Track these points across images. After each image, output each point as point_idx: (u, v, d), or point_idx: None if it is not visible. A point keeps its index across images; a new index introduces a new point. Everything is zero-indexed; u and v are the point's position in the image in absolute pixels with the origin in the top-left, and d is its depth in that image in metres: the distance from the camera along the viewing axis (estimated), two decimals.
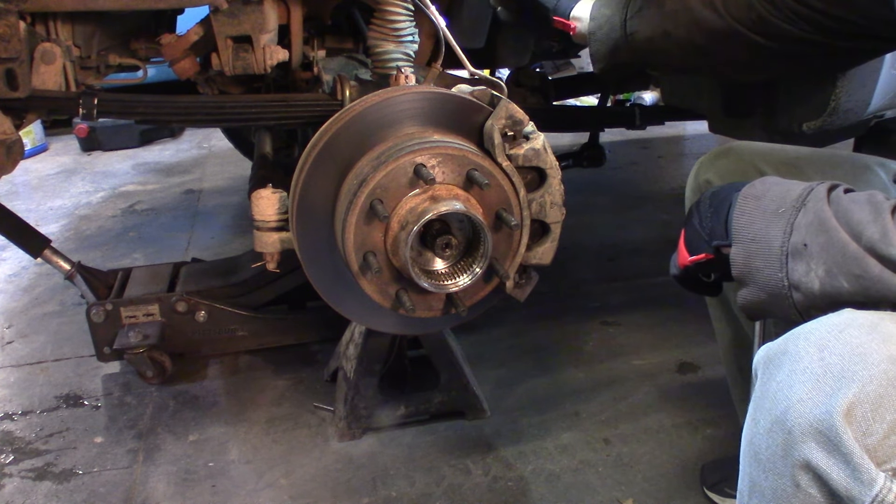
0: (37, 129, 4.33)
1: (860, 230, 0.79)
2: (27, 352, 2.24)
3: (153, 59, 1.85)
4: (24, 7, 1.45)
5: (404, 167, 1.24)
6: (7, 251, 2.89)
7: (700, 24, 1.36)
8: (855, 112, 1.62)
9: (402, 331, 1.59)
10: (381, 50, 1.63)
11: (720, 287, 1.11)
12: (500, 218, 1.31)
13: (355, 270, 1.28)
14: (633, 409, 1.88)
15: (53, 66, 1.56)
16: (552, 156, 1.36)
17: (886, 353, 0.66)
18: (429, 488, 1.63)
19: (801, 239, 0.83)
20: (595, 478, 1.65)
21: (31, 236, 1.96)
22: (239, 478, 1.68)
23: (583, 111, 3.04)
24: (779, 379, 0.72)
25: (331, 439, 1.79)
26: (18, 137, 1.57)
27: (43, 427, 1.88)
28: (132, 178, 3.90)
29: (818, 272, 0.81)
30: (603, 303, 2.43)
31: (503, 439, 1.77)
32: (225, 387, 2.02)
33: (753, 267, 0.88)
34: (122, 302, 1.99)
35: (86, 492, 1.65)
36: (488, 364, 2.08)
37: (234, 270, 2.18)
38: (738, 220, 0.92)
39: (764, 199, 0.90)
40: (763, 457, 0.71)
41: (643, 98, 4.15)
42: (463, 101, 1.35)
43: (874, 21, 1.16)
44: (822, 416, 0.65)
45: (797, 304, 0.85)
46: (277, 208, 1.51)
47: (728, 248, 0.93)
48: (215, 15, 1.60)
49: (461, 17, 2.00)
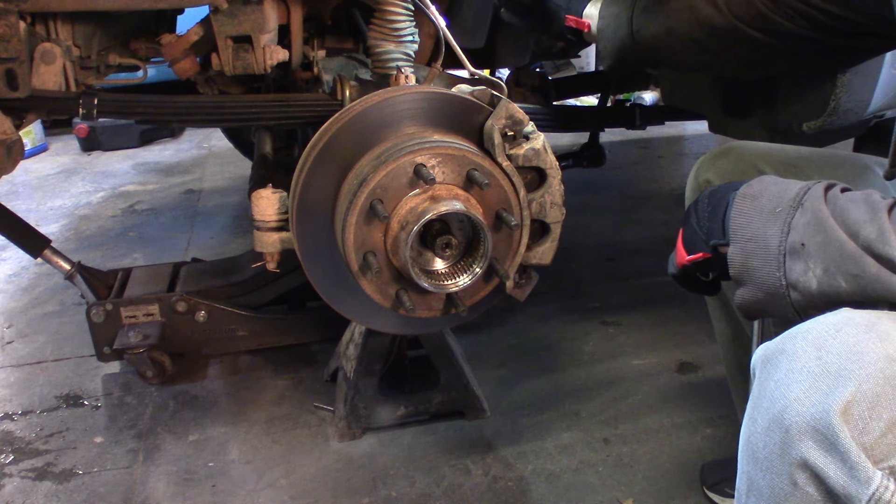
0: (37, 129, 4.33)
1: (857, 229, 0.79)
2: (27, 352, 2.24)
3: (153, 59, 1.86)
4: (24, 7, 1.45)
5: (404, 167, 1.24)
6: (7, 251, 2.90)
7: (702, 20, 1.38)
8: (855, 112, 1.62)
9: (402, 331, 1.59)
10: (381, 50, 1.63)
11: (718, 286, 1.11)
12: (500, 218, 1.31)
13: (355, 270, 1.29)
14: (633, 409, 1.88)
15: (53, 66, 1.56)
16: (552, 156, 1.36)
17: (883, 351, 0.67)
18: (429, 488, 1.63)
19: (798, 238, 0.84)
20: (595, 478, 1.65)
21: (31, 236, 1.96)
22: (239, 478, 1.68)
23: (583, 111, 3.04)
24: (776, 378, 0.72)
25: (331, 439, 1.79)
26: (18, 137, 1.57)
27: (43, 427, 1.88)
28: (132, 178, 3.91)
29: (816, 271, 0.81)
30: (603, 303, 2.43)
31: (503, 439, 1.78)
32: (225, 387, 2.02)
33: (751, 266, 0.89)
34: (122, 302, 1.99)
35: (86, 492, 1.65)
36: (488, 364, 2.08)
37: (234, 270, 2.19)
38: (735, 219, 0.92)
39: (761, 199, 0.90)
40: (760, 455, 0.71)
41: (643, 98, 4.15)
42: (463, 101, 1.35)
43: (874, 19, 1.16)
44: (819, 415, 0.65)
45: (795, 303, 0.85)
46: (277, 208, 1.51)
47: (726, 248, 0.93)
48: (215, 15, 1.60)
49: (461, 17, 2.00)
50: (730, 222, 0.92)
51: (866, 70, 1.56)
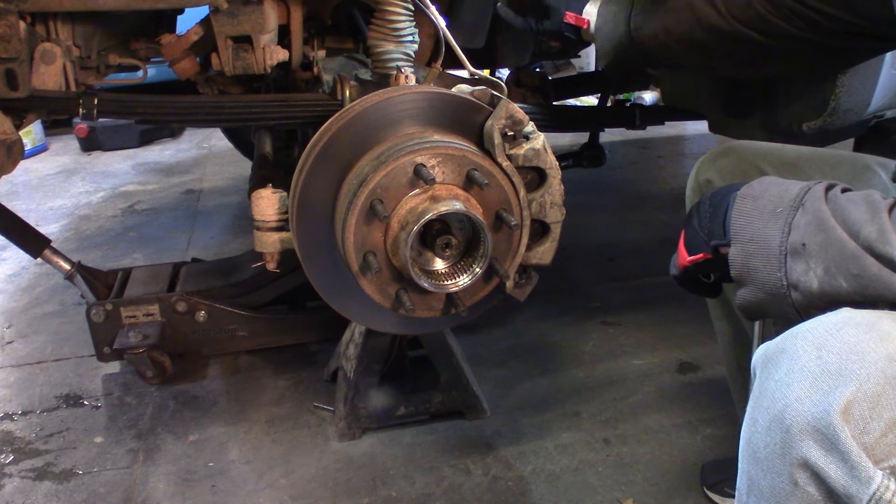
0: (37, 129, 4.33)
1: (857, 229, 0.79)
2: (27, 352, 2.24)
3: (153, 59, 1.86)
4: (24, 7, 1.45)
5: (404, 167, 1.24)
6: (7, 251, 2.90)
7: (700, 20, 1.38)
8: (855, 112, 1.62)
9: (402, 331, 1.59)
10: (381, 50, 1.63)
11: (720, 288, 1.11)
12: (500, 218, 1.31)
13: (355, 270, 1.28)
14: (633, 409, 1.88)
15: (53, 66, 1.56)
16: (552, 156, 1.36)
17: (884, 351, 0.67)
18: (429, 488, 1.63)
19: (799, 238, 0.84)
20: (595, 478, 1.65)
21: (31, 236, 1.96)
22: (239, 478, 1.68)
23: (583, 111, 3.04)
24: (777, 378, 0.72)
25: (331, 439, 1.79)
26: (18, 137, 1.57)
27: (43, 427, 1.88)
28: (132, 178, 3.91)
29: (817, 271, 0.82)
30: (603, 303, 2.43)
31: (503, 439, 1.78)
32: (225, 387, 2.02)
33: (752, 267, 0.89)
34: (122, 302, 1.99)
35: (86, 492, 1.65)
36: (488, 364, 2.08)
37: (234, 270, 2.19)
38: (736, 220, 0.92)
39: (761, 200, 0.90)
40: (761, 455, 0.71)
41: (643, 98, 4.15)
42: (463, 101, 1.35)
43: (873, 20, 1.16)
44: (820, 415, 0.65)
45: (796, 303, 0.85)
46: (277, 208, 1.51)
47: (727, 249, 0.93)
48: (215, 15, 1.60)
49: (461, 17, 2.00)
50: (730, 223, 0.92)
51: (866, 70, 1.57)
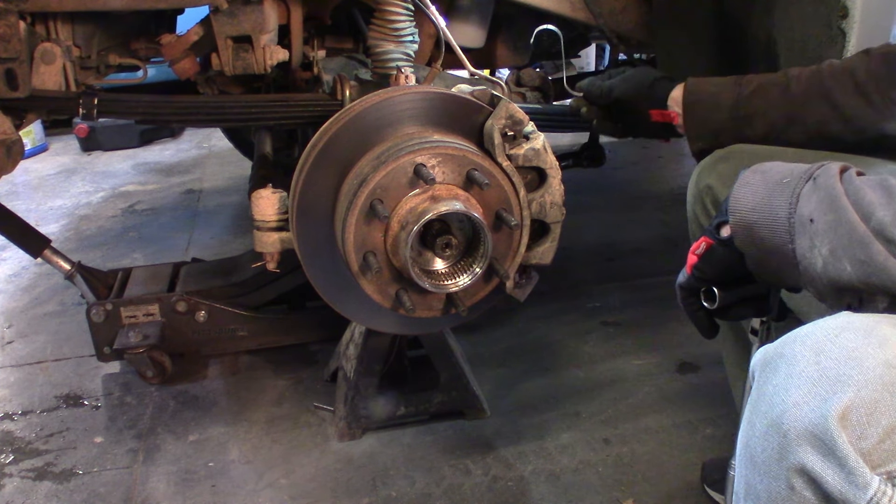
0: (37, 129, 4.33)
1: (871, 211, 0.78)
2: (27, 352, 2.24)
3: (153, 59, 1.86)
4: (24, 7, 1.45)
5: (404, 167, 1.24)
6: (7, 251, 2.90)
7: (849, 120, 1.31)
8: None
9: (402, 331, 1.59)
10: (381, 50, 1.63)
11: (717, 328, 1.06)
12: (500, 218, 1.31)
13: (355, 270, 1.29)
14: (633, 409, 1.88)
15: (53, 66, 1.56)
16: (552, 156, 1.36)
17: (882, 357, 0.66)
18: (429, 488, 1.63)
19: (808, 212, 0.82)
20: (595, 478, 1.65)
21: (32, 236, 1.96)
22: (239, 478, 1.68)
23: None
24: (775, 382, 0.72)
25: (331, 439, 1.79)
26: (18, 137, 1.57)
27: (43, 427, 1.88)
28: (132, 178, 3.91)
29: (822, 251, 0.80)
30: (603, 303, 2.43)
31: (503, 439, 1.77)
32: (225, 387, 2.02)
33: (757, 236, 0.87)
34: (122, 302, 1.99)
35: (86, 492, 1.65)
36: (488, 364, 2.08)
37: (234, 270, 2.19)
38: (738, 190, 0.89)
39: (769, 173, 0.89)
40: (758, 460, 0.71)
41: None
42: (463, 101, 1.35)
43: None
44: (818, 420, 0.65)
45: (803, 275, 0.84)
46: (277, 208, 1.51)
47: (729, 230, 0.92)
48: (215, 15, 1.60)
49: (461, 17, 2.01)
50: (734, 193, 0.90)
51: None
